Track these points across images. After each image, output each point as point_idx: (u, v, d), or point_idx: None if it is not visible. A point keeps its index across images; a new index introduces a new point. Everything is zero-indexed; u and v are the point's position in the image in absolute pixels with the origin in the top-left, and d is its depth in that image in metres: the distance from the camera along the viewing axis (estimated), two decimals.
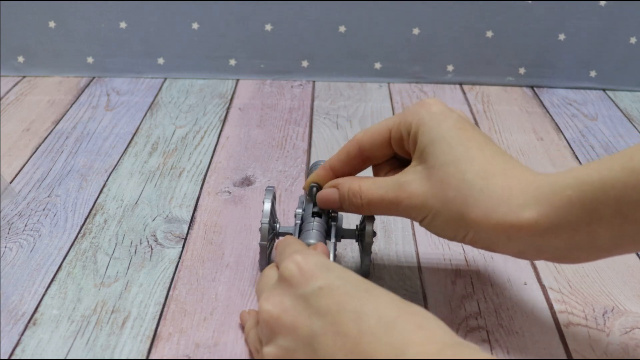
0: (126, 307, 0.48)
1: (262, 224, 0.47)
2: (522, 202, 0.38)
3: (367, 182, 0.45)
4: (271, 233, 0.49)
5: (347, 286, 0.36)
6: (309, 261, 0.38)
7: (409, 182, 0.42)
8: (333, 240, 0.48)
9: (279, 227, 0.50)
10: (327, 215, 0.48)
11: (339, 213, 0.49)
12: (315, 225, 0.47)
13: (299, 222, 0.49)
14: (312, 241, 0.45)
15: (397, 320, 0.34)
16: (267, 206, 0.48)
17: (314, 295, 0.36)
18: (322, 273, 0.37)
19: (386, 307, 0.35)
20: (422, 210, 0.42)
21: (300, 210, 0.49)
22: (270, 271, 0.43)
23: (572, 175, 0.38)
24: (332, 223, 0.48)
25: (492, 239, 0.40)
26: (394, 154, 0.46)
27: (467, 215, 0.40)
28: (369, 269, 0.50)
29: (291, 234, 0.49)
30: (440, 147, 0.41)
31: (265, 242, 0.48)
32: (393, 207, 0.43)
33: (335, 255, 0.47)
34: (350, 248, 0.54)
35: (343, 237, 0.50)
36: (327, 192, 0.47)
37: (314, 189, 0.48)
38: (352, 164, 0.47)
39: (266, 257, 0.49)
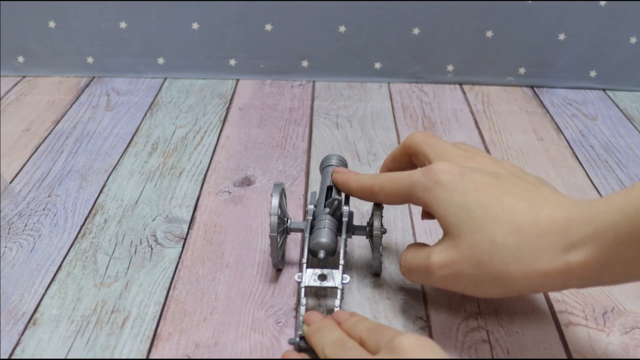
0: (126, 307, 0.48)
1: (270, 215, 0.48)
2: (565, 245, 0.37)
3: (409, 252, 0.46)
4: (282, 227, 0.49)
5: None
6: (427, 343, 0.37)
7: (438, 252, 0.42)
8: (344, 236, 0.48)
9: (290, 222, 0.50)
10: (339, 212, 0.49)
11: (350, 210, 0.50)
12: (327, 223, 0.48)
13: (310, 217, 0.49)
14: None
15: None
16: (276, 199, 0.48)
17: None
18: None
19: None
20: (458, 279, 0.42)
21: (312, 207, 0.50)
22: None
23: (614, 209, 0.36)
24: (344, 220, 0.49)
25: (545, 286, 0.39)
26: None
27: (509, 273, 0.39)
28: (379, 264, 0.50)
29: (302, 230, 0.50)
30: (459, 216, 0.41)
31: (275, 234, 0.48)
32: (428, 276, 0.43)
33: (345, 252, 0.48)
34: (350, 247, 0.54)
35: (354, 233, 0.50)
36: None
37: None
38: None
39: (277, 250, 0.49)
